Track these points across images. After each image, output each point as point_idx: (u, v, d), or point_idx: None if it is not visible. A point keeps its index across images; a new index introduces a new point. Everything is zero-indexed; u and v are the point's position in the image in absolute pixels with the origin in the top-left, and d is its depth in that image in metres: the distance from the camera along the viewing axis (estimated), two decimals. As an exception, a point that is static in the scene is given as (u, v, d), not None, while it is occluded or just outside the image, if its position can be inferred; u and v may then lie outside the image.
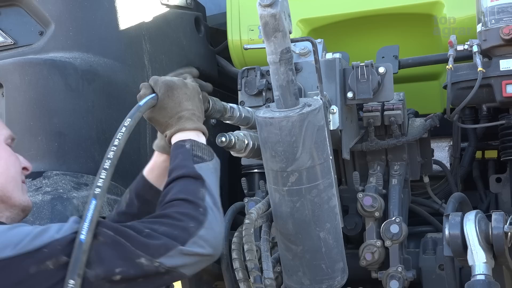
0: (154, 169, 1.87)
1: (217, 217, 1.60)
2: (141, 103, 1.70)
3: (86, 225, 1.47)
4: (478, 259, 2.19)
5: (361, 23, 3.08)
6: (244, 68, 2.57)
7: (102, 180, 1.54)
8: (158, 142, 1.87)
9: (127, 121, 1.63)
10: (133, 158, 2.61)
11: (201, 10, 3.30)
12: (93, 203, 1.51)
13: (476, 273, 2.19)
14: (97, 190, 1.53)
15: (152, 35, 2.86)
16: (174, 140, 1.72)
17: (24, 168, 1.79)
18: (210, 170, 1.68)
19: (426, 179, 2.92)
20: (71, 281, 1.43)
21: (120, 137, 1.60)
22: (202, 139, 1.74)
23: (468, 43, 2.57)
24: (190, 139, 1.70)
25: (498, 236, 2.19)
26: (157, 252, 1.48)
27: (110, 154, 1.57)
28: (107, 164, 1.56)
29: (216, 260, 1.64)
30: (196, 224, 1.53)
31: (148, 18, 2.87)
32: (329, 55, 2.48)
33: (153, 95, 1.73)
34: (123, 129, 1.62)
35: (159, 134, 1.84)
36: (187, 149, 1.67)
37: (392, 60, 2.75)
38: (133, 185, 1.88)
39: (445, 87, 2.59)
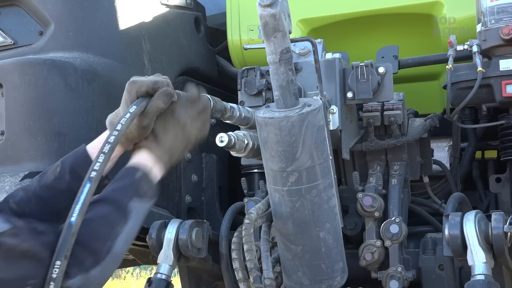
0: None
1: (113, 265, 1.52)
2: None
3: (78, 207, 1.44)
4: (478, 259, 2.19)
5: (361, 23, 3.08)
6: (244, 68, 2.57)
7: (99, 164, 1.50)
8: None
9: (132, 108, 1.60)
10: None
11: (201, 10, 3.30)
12: (87, 186, 1.47)
13: (476, 273, 2.19)
14: (93, 174, 1.49)
15: (152, 35, 2.86)
16: (136, 155, 1.65)
17: None
18: (141, 212, 1.60)
19: (426, 179, 2.92)
20: (58, 262, 1.39)
21: (123, 122, 1.57)
22: (158, 174, 1.65)
23: (468, 43, 2.57)
24: (145, 169, 1.61)
25: (498, 236, 2.19)
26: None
27: (111, 138, 1.54)
28: (106, 148, 1.53)
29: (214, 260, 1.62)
30: (92, 261, 1.46)
31: (148, 18, 2.87)
32: (329, 55, 2.48)
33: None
34: (127, 115, 1.58)
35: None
36: (136, 179, 1.59)
37: (392, 60, 2.75)
38: (69, 158, 1.75)
39: (445, 87, 2.60)
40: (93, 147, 1.72)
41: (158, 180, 1.65)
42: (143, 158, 1.64)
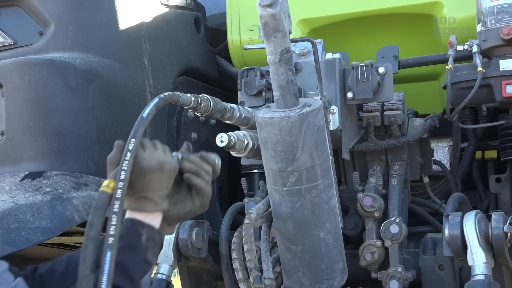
0: None
1: None
2: (144, 114, 1.59)
3: (105, 278, 1.43)
4: (478, 259, 2.19)
5: (361, 23, 3.08)
6: (244, 68, 2.57)
7: (113, 226, 1.46)
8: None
9: (131, 143, 1.52)
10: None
11: (201, 10, 3.30)
12: (108, 255, 1.44)
13: (476, 273, 2.19)
14: (110, 240, 1.45)
15: (152, 35, 2.86)
16: (131, 215, 1.60)
17: None
18: (149, 276, 1.61)
19: (426, 179, 2.92)
20: None
21: (126, 168, 1.49)
22: (158, 220, 1.62)
23: (468, 43, 2.57)
24: (148, 226, 1.58)
25: (498, 236, 2.19)
26: None
27: (118, 193, 1.47)
28: (116, 207, 1.47)
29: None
30: None
31: (148, 18, 2.87)
32: (329, 55, 2.48)
33: (154, 104, 1.62)
34: (128, 155, 1.51)
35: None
36: (142, 248, 1.57)
37: (392, 60, 2.75)
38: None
39: (445, 87, 2.60)
40: None
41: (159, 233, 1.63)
42: (136, 216, 1.60)
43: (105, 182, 1.51)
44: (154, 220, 1.60)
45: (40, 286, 1.60)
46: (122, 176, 1.49)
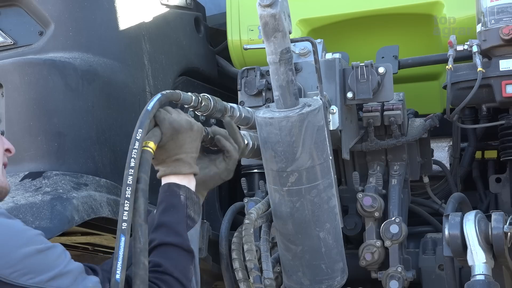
0: None
1: None
2: (149, 107, 1.62)
3: (119, 264, 1.45)
4: (478, 259, 2.19)
5: (361, 23, 3.08)
6: (244, 68, 2.57)
7: (126, 212, 1.48)
8: None
9: (138, 133, 1.56)
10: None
11: (201, 10, 3.30)
12: (122, 240, 1.46)
13: (476, 273, 2.19)
14: (124, 225, 1.47)
15: (152, 35, 2.86)
16: (166, 180, 1.66)
17: (7, 150, 1.73)
18: (196, 234, 1.66)
19: (426, 179, 2.92)
20: None
21: (135, 155, 1.53)
22: (193, 184, 1.69)
23: (468, 43, 2.58)
24: (184, 187, 1.65)
25: (498, 236, 2.19)
26: None
27: (129, 179, 1.50)
28: (128, 192, 1.49)
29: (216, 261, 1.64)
30: None
31: (148, 18, 2.86)
32: (329, 55, 2.48)
33: (157, 99, 1.65)
34: (136, 144, 1.54)
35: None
36: (182, 205, 1.62)
37: (392, 60, 2.75)
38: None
39: (445, 87, 2.60)
40: None
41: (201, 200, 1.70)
42: (171, 179, 1.66)
43: (144, 143, 1.57)
44: (189, 183, 1.67)
45: None
46: (132, 164, 1.51)
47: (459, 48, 2.59)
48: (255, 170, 3.02)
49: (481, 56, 2.54)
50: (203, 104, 1.87)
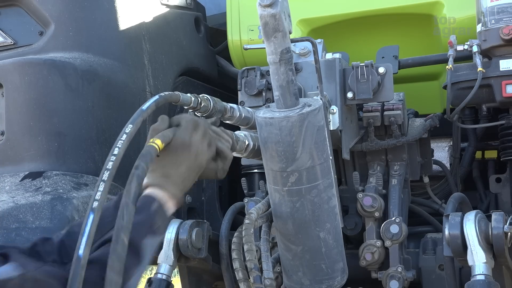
0: None
1: None
2: (144, 107, 1.64)
3: (84, 240, 1.43)
4: (478, 259, 2.19)
5: (361, 23, 3.08)
6: (244, 68, 2.57)
7: (100, 193, 1.47)
8: None
9: (128, 127, 1.57)
10: (133, 158, 2.61)
11: (201, 10, 3.30)
12: (91, 217, 1.45)
13: (476, 273, 2.19)
14: (95, 204, 1.47)
15: (152, 35, 2.86)
16: (148, 191, 1.64)
17: None
18: (153, 249, 1.61)
19: (426, 179, 2.92)
20: None
21: (120, 145, 1.54)
22: (171, 208, 1.65)
23: (468, 43, 2.58)
24: (160, 202, 1.62)
25: (498, 236, 2.19)
26: None
27: (109, 165, 1.50)
28: (105, 175, 1.49)
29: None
30: None
31: (148, 18, 2.87)
32: (329, 55, 2.48)
33: (154, 100, 1.66)
34: (124, 136, 1.56)
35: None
36: (152, 212, 1.59)
37: (392, 60, 2.75)
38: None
39: (445, 87, 2.60)
40: None
41: (171, 214, 1.65)
42: (153, 191, 1.63)
43: (151, 140, 1.61)
44: (168, 201, 1.64)
45: (62, 248, 1.60)
46: (115, 152, 1.52)
47: (459, 48, 2.59)
48: (255, 170, 3.02)
49: (481, 56, 2.54)
50: (202, 105, 1.87)
